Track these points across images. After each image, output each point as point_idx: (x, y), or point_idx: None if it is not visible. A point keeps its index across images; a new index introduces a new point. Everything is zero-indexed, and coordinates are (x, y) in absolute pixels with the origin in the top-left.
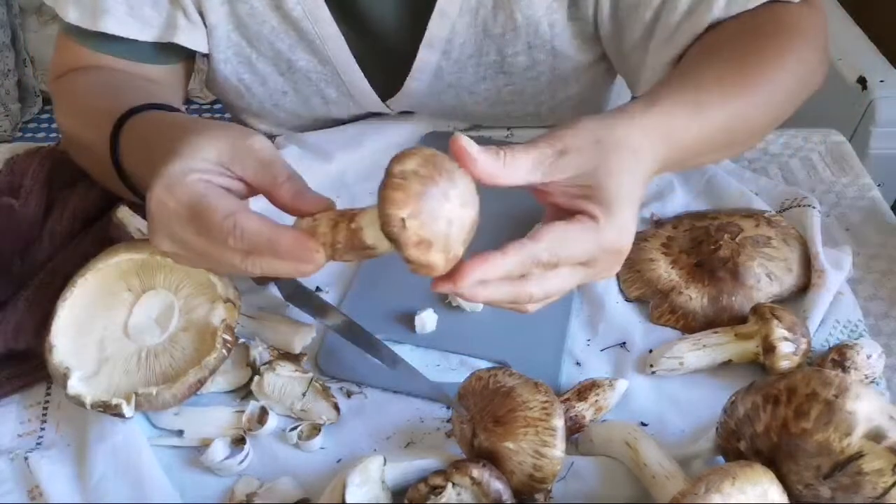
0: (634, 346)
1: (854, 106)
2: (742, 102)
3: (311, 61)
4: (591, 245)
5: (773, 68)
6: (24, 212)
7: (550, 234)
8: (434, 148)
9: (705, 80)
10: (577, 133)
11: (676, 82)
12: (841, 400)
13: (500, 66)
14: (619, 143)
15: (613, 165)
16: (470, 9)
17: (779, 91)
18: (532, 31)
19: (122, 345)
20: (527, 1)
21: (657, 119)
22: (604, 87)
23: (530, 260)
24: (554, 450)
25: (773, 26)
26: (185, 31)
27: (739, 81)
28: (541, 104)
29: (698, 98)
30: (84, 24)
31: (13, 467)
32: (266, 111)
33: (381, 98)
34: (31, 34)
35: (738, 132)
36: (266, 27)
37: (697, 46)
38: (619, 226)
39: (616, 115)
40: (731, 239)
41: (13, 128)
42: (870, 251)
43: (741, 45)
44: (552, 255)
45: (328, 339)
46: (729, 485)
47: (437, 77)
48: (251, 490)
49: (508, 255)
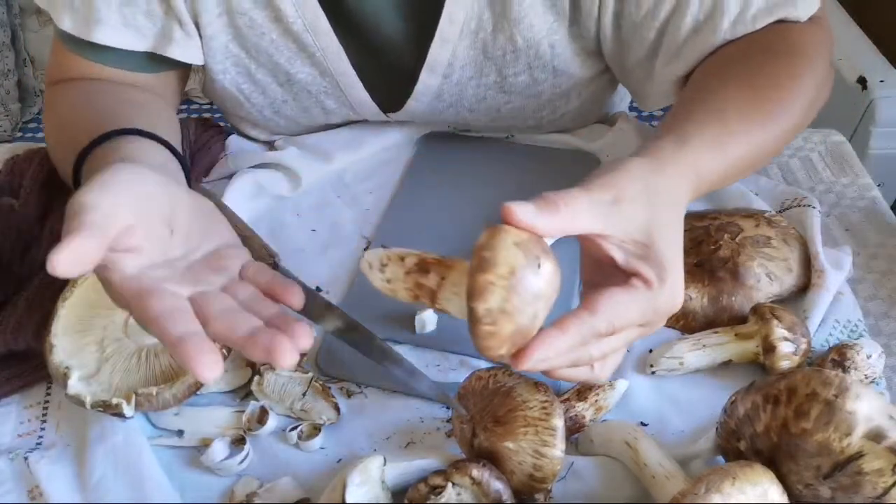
0: (634, 346)
1: (854, 106)
2: (762, 134)
3: (312, 73)
4: (647, 311)
5: (789, 97)
6: (24, 212)
7: (607, 305)
8: (433, 148)
9: (728, 114)
10: (631, 180)
11: (700, 116)
12: (841, 400)
13: (501, 86)
14: (668, 195)
15: (664, 220)
16: (470, 32)
17: (795, 117)
18: (532, 52)
19: (122, 344)
20: (527, 24)
21: (688, 160)
22: (605, 98)
23: (590, 333)
24: (554, 450)
25: (784, 47)
26: (180, 43)
27: (759, 114)
28: (541, 118)
29: (723, 134)
30: (77, 33)
31: (13, 467)
32: (266, 119)
33: (381, 110)
34: (31, 34)
35: (756, 162)
36: (265, 39)
37: (709, 67)
38: (672, 290)
39: (656, 159)
40: (731, 239)
41: (13, 128)
42: (870, 251)
43: (755, 70)
44: (609, 326)
45: (328, 339)
46: (729, 485)
47: (437, 98)
48: (251, 490)
49: (568, 332)
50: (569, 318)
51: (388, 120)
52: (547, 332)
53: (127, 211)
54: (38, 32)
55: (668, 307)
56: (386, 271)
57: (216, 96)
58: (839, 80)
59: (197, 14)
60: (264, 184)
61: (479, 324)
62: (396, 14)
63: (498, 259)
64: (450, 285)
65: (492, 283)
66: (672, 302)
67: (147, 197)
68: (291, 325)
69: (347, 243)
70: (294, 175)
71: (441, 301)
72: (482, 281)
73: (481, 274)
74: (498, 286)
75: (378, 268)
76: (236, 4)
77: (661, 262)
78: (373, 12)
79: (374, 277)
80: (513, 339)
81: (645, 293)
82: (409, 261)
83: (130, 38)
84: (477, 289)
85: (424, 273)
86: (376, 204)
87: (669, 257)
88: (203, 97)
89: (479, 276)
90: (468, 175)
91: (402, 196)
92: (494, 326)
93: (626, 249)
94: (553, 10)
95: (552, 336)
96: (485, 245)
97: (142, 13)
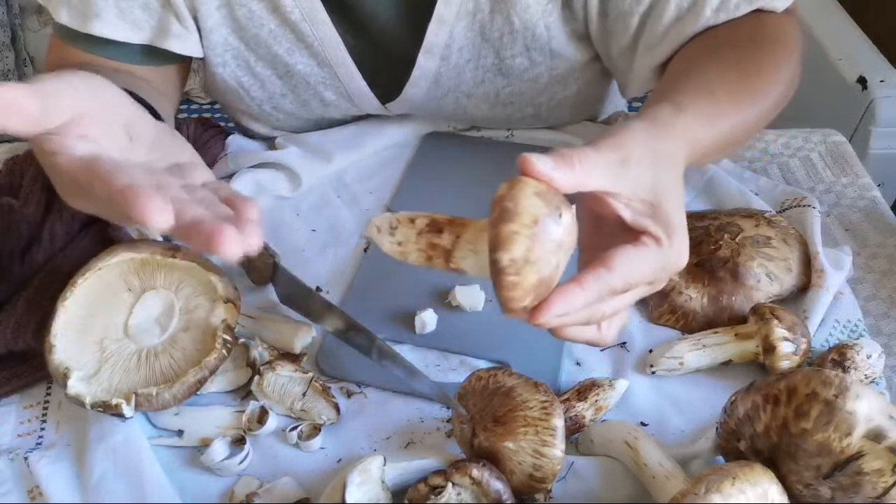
0: (634, 345)
1: (854, 106)
2: (745, 113)
3: (310, 64)
4: (657, 268)
5: (771, 81)
6: (24, 212)
7: (622, 261)
8: (434, 147)
9: (718, 93)
10: (636, 141)
11: (693, 91)
12: (841, 400)
13: (499, 68)
14: (670, 158)
15: (668, 181)
16: (467, 13)
17: (773, 100)
18: (529, 34)
19: (123, 345)
20: (523, 4)
21: (685, 127)
22: (602, 85)
23: (607, 290)
24: (554, 449)
25: (764, 35)
26: (178, 37)
27: (744, 94)
28: (540, 105)
29: (713, 109)
30: (74, 26)
31: (13, 467)
32: (265, 113)
33: (380, 101)
34: (31, 34)
35: (738, 139)
36: (264, 30)
37: (696, 48)
38: (679, 247)
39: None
40: (731, 239)
41: None
42: (870, 251)
43: (740, 54)
44: (625, 282)
45: (328, 339)
46: (729, 485)
47: (436, 83)
48: (251, 490)
49: (587, 287)
50: (586, 275)
51: (387, 113)
52: (566, 287)
53: (80, 100)
54: (38, 32)
55: (675, 265)
56: (396, 234)
57: (217, 90)
58: (839, 80)
59: (196, 7)
60: (264, 184)
61: (504, 274)
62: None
63: (520, 208)
64: (465, 243)
65: (516, 232)
66: (679, 260)
67: (106, 99)
68: (243, 221)
69: (347, 243)
70: (294, 175)
71: (456, 259)
72: (506, 230)
73: (504, 224)
74: (522, 235)
75: (388, 231)
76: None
77: (667, 221)
78: None
79: (383, 241)
80: (536, 290)
81: (656, 250)
82: (419, 222)
83: (127, 31)
84: (501, 238)
85: (438, 233)
86: (376, 204)
87: (675, 216)
88: (203, 97)
89: (502, 225)
90: (468, 175)
91: (402, 196)
92: (519, 276)
93: (633, 208)
94: None
95: (571, 291)
96: (506, 196)
97: (139, 6)
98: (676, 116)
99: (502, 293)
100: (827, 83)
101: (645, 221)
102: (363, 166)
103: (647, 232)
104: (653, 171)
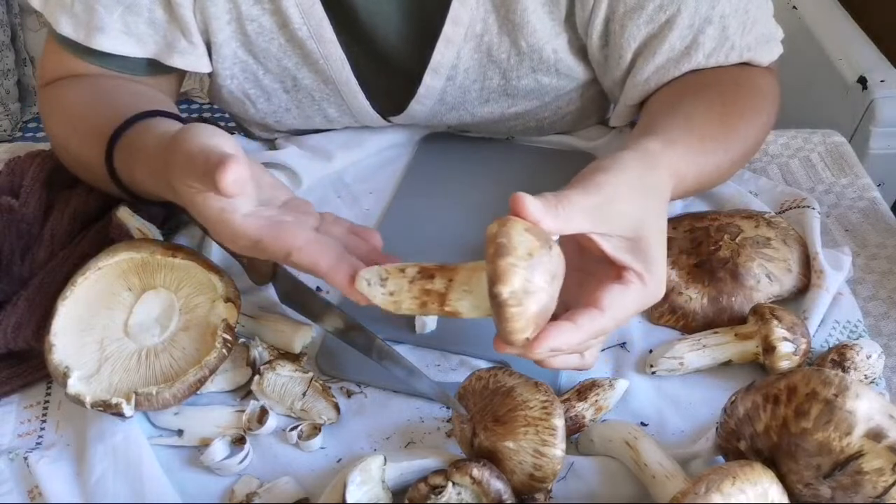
0: (634, 346)
1: (854, 106)
2: (724, 155)
3: (315, 80)
4: (641, 304)
5: (750, 126)
6: (24, 212)
7: (611, 301)
8: (434, 148)
9: (703, 131)
10: (625, 173)
11: (680, 128)
12: (841, 399)
13: (504, 89)
14: (657, 188)
15: (653, 213)
16: (475, 35)
17: (749, 146)
18: (536, 56)
19: (123, 344)
20: (531, 28)
21: (674, 160)
22: (605, 99)
23: (600, 330)
24: (554, 449)
25: (748, 83)
26: (183, 53)
27: (727, 135)
28: (543, 119)
29: (698, 145)
30: (77, 39)
31: (13, 467)
32: (268, 125)
33: (382, 116)
34: (31, 34)
35: (713, 179)
36: (274, 44)
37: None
38: (658, 281)
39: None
40: (730, 239)
41: (13, 127)
42: (870, 252)
43: (725, 98)
44: (615, 322)
45: (328, 338)
46: (729, 485)
47: (440, 101)
48: (251, 490)
49: (582, 328)
50: (580, 315)
51: (388, 125)
52: (561, 324)
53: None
54: (38, 32)
55: (654, 299)
56: (388, 284)
57: (222, 100)
58: (839, 80)
59: (207, 22)
60: None
61: (506, 306)
62: (401, 16)
63: (514, 243)
64: (459, 284)
65: (514, 264)
66: (657, 293)
67: None
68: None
69: None
70: (294, 175)
71: (452, 302)
72: (504, 264)
73: (501, 258)
74: (520, 267)
75: (378, 283)
76: (246, 11)
77: (650, 258)
78: (377, 11)
79: (374, 294)
80: (536, 320)
81: (640, 287)
82: (409, 271)
83: (132, 47)
84: (499, 273)
85: (429, 279)
86: (376, 204)
87: (655, 248)
88: (203, 97)
89: (499, 260)
90: (468, 175)
91: (402, 196)
92: (520, 307)
93: (613, 243)
94: (552, 17)
95: (567, 329)
96: (498, 233)
97: (144, 21)
98: (664, 150)
99: (506, 325)
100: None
101: (624, 257)
102: (363, 166)
103: (628, 268)
104: (640, 205)
